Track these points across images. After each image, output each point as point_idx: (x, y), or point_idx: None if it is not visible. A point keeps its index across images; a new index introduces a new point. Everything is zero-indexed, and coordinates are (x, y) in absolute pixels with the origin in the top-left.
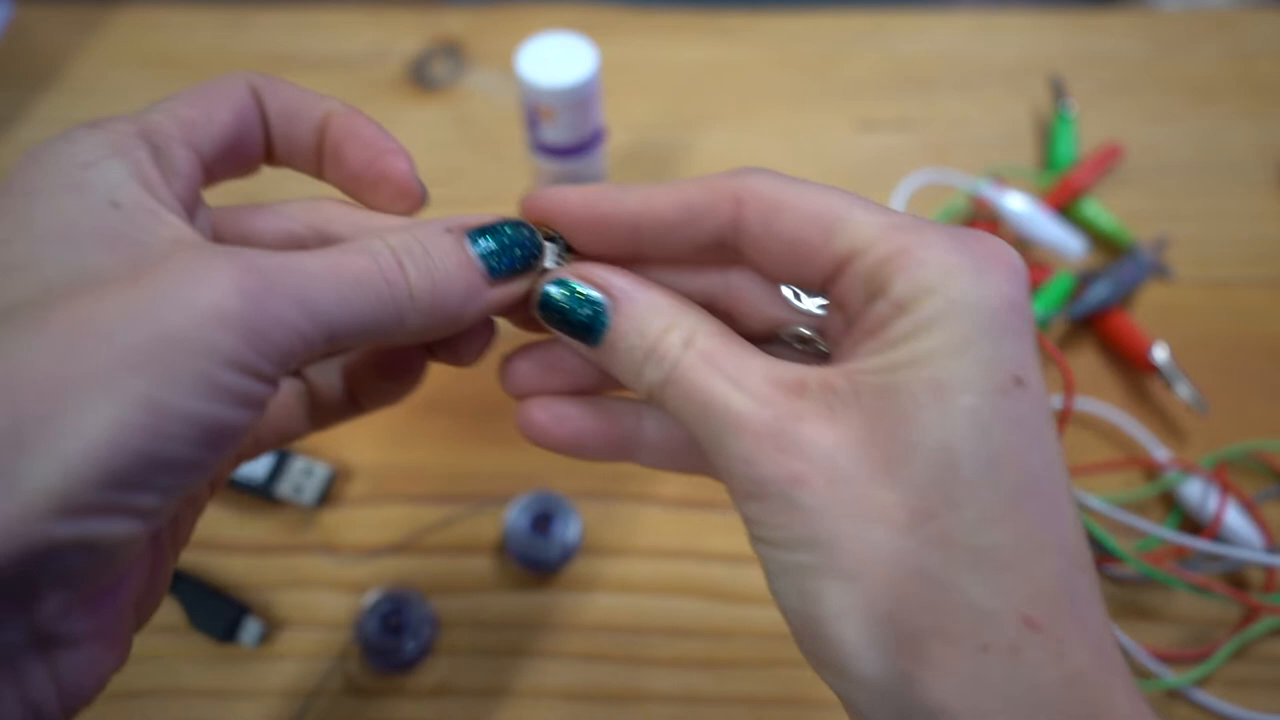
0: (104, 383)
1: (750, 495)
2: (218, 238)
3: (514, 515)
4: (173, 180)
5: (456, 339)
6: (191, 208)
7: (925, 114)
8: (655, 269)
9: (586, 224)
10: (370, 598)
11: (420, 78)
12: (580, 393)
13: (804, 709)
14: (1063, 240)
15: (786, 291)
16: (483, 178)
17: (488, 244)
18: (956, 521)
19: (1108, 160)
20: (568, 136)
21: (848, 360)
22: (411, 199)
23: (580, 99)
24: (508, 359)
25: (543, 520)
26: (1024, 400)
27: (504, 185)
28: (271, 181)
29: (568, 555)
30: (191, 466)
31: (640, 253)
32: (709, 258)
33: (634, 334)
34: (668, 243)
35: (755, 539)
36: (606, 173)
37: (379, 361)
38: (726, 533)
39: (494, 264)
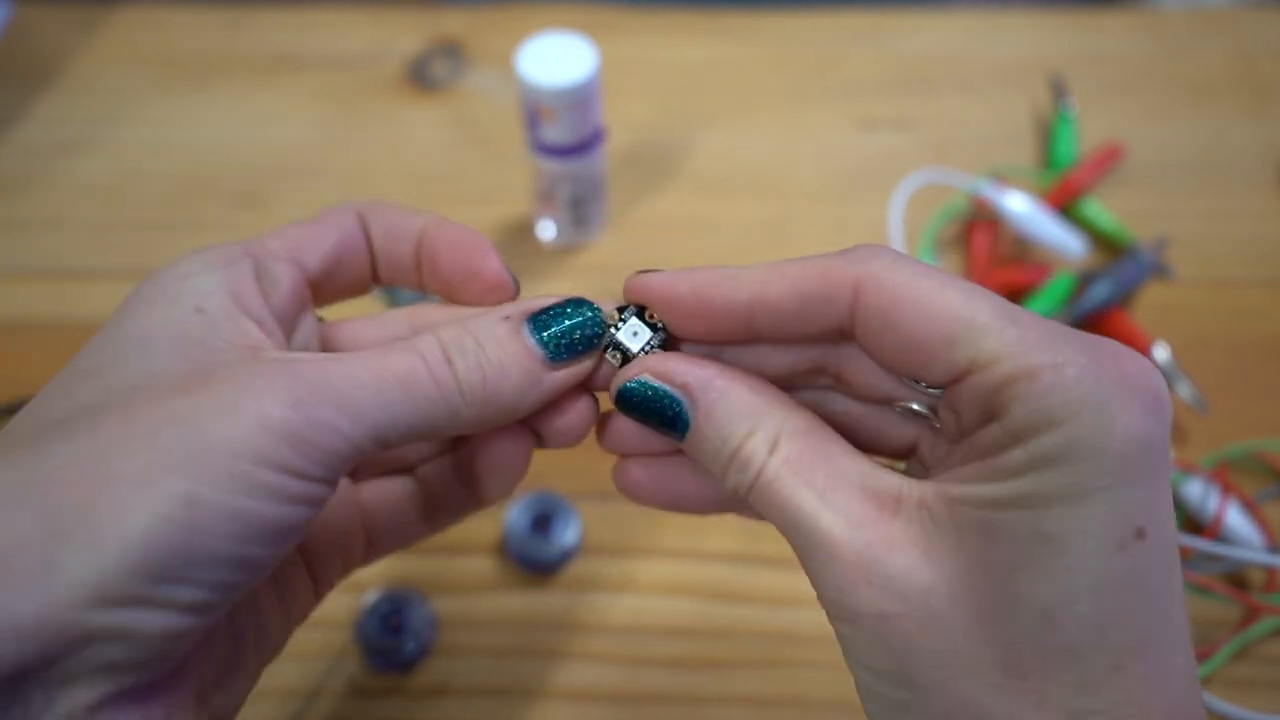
0: (143, 480)
1: (840, 619)
2: (327, 345)
3: (514, 515)
4: (272, 293)
5: (555, 420)
6: (291, 317)
7: (925, 114)
8: (762, 346)
9: (695, 314)
10: (370, 598)
11: (420, 78)
12: (679, 451)
13: (804, 709)
14: (1063, 240)
15: None
16: (483, 178)
17: (547, 328)
18: (1054, 684)
19: (1108, 160)
20: (568, 136)
21: (951, 475)
22: (502, 291)
23: (580, 99)
24: (607, 417)
25: (543, 520)
26: (1144, 555)
27: (504, 185)
28: None
29: (567, 555)
30: (237, 562)
31: (750, 338)
32: (822, 339)
33: (715, 438)
34: (781, 331)
35: (846, 655)
36: (606, 172)
37: (481, 453)
38: (726, 533)
39: (553, 348)
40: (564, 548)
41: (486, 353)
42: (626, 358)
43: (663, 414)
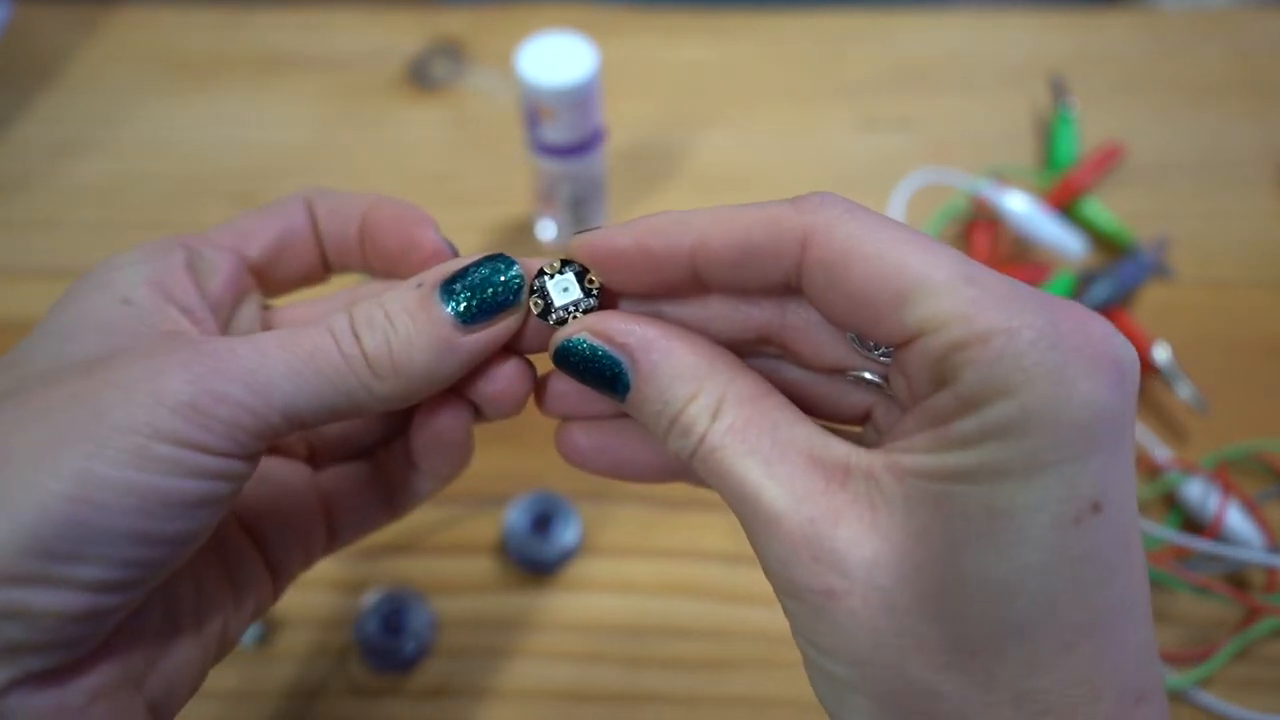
0: (35, 457)
1: (785, 593)
2: (269, 329)
3: (514, 515)
4: (207, 281)
5: (486, 388)
6: (228, 304)
7: (925, 114)
8: (708, 299)
9: (636, 265)
10: (370, 598)
11: (420, 78)
12: (624, 415)
13: (804, 709)
14: (1063, 240)
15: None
16: (483, 178)
17: (457, 290)
18: (1001, 663)
19: (1108, 160)
20: (568, 136)
21: (902, 444)
22: (441, 260)
23: (580, 99)
24: (545, 380)
25: (542, 520)
26: (1099, 531)
27: (504, 185)
28: None
29: (567, 555)
30: (141, 537)
31: (697, 290)
32: (770, 292)
33: (657, 400)
34: (725, 281)
35: (793, 630)
36: (606, 172)
37: (419, 430)
38: (726, 533)
39: (464, 311)
40: (564, 548)
41: (394, 324)
42: (549, 307)
43: (602, 374)
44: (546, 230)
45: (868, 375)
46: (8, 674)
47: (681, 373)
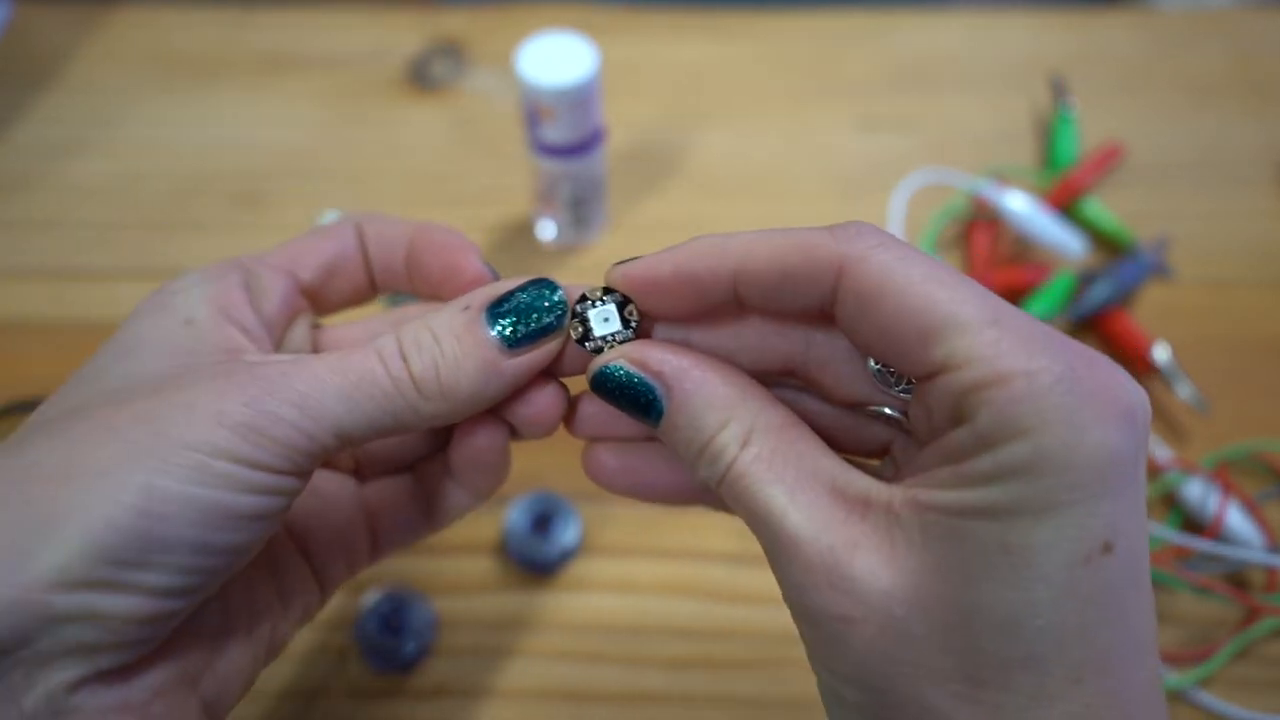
0: (105, 472)
1: (802, 618)
2: (318, 348)
3: (514, 515)
4: (262, 302)
5: (521, 410)
6: (282, 324)
7: (925, 114)
8: (737, 329)
9: (678, 293)
10: (370, 598)
11: (420, 78)
12: (651, 438)
13: (804, 709)
14: (1063, 240)
15: (873, 364)
16: (483, 178)
17: (503, 314)
18: (1009, 694)
19: (1108, 160)
20: (568, 136)
21: (920, 479)
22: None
23: (580, 98)
24: (576, 402)
25: (543, 520)
26: (1109, 570)
27: (504, 185)
28: None
29: (567, 555)
30: (201, 547)
31: (737, 310)
32: (806, 316)
33: (688, 427)
34: (763, 303)
35: (809, 655)
36: (606, 172)
37: (458, 448)
38: (726, 533)
39: (509, 335)
40: (564, 548)
41: (442, 347)
42: (588, 333)
43: (637, 400)
44: (546, 230)
45: (888, 410)
46: (80, 671)
47: (713, 402)
